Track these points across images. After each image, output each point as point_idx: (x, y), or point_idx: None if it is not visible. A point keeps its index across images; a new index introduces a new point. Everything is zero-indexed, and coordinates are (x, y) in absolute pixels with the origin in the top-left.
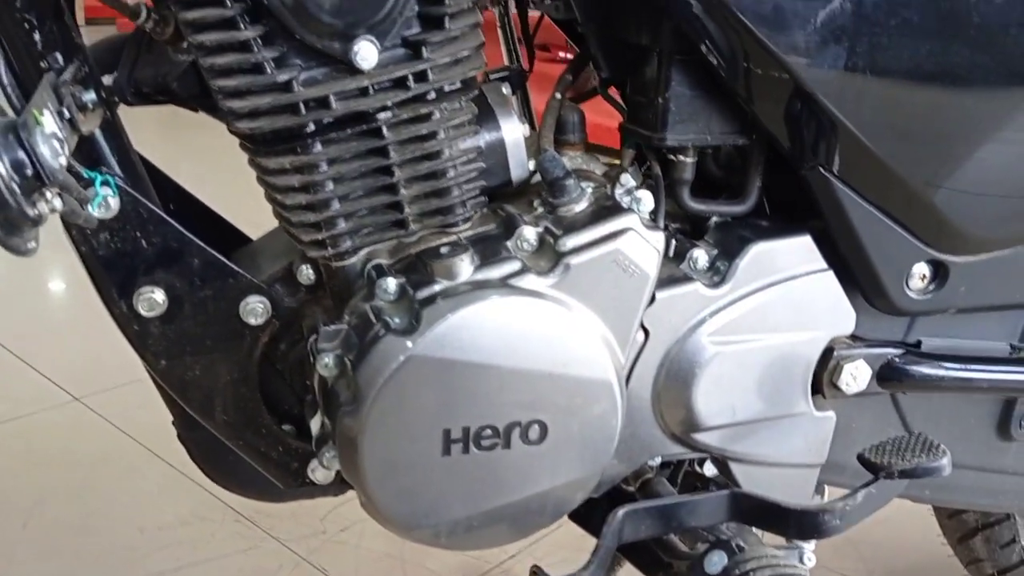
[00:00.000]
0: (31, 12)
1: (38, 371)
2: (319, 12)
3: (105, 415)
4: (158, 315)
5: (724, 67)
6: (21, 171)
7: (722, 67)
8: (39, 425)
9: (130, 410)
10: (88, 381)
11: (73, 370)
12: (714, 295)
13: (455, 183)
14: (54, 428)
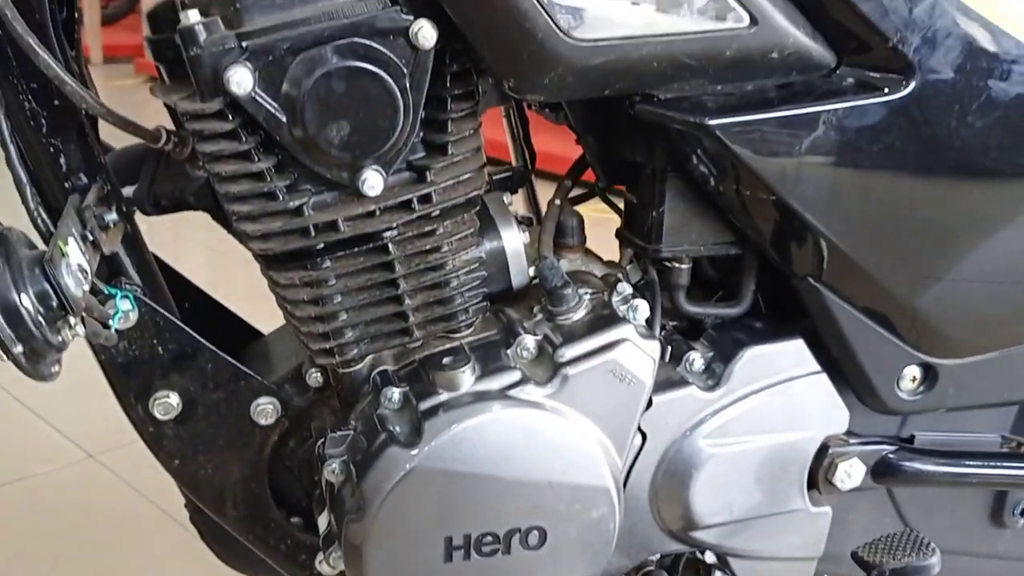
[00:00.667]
0: (57, 137)
1: (54, 427)
2: (328, 147)
3: (119, 473)
4: (172, 418)
5: (714, 187)
6: (46, 303)
7: (712, 186)
8: (55, 484)
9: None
10: (102, 438)
11: (87, 426)
12: (710, 398)
13: (458, 292)
14: (69, 487)
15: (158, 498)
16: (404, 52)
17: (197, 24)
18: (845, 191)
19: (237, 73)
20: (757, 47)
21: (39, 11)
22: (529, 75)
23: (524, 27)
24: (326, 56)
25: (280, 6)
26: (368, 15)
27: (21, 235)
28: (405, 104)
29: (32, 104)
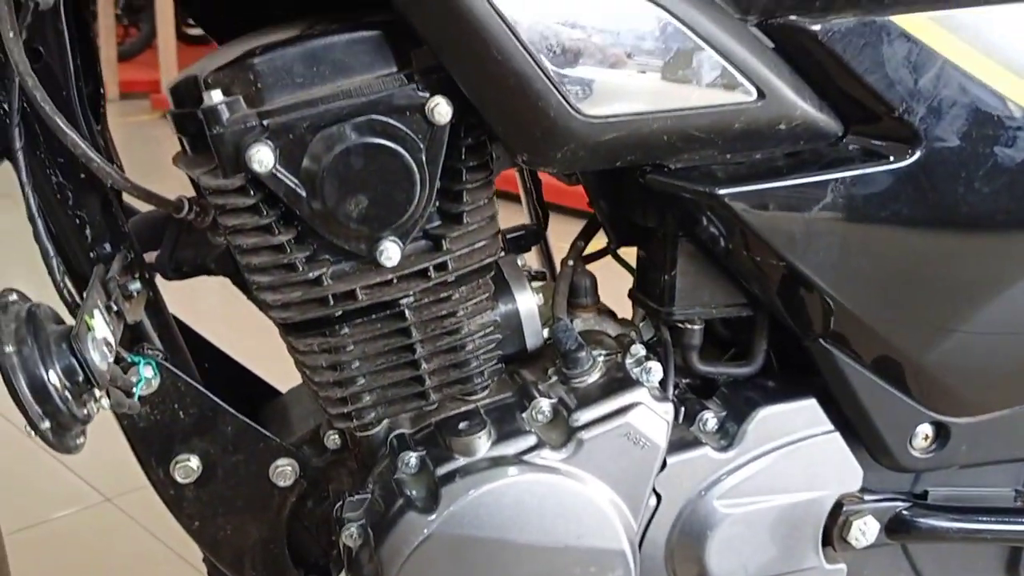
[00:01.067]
0: (82, 209)
1: (72, 471)
2: (347, 220)
3: (136, 516)
4: (192, 481)
5: (724, 252)
6: (72, 378)
7: (722, 251)
8: (73, 527)
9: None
10: (120, 481)
11: (105, 469)
12: (723, 459)
13: (474, 355)
14: (87, 531)
15: (174, 542)
16: (420, 127)
17: (220, 104)
18: (854, 255)
19: (259, 151)
20: (765, 119)
21: (66, 87)
22: (542, 150)
23: (537, 105)
24: (345, 133)
25: (300, 84)
26: (386, 93)
27: (48, 310)
28: (422, 177)
29: (59, 178)
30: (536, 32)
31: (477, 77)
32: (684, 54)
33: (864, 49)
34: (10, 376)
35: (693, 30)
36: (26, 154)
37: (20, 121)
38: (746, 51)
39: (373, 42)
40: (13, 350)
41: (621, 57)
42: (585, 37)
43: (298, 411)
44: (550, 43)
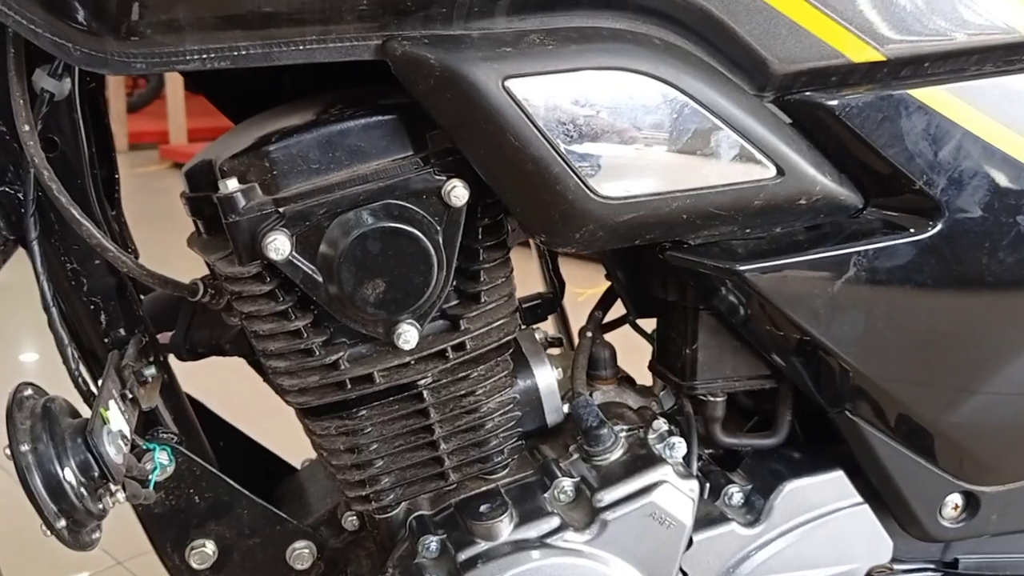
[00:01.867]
0: (97, 295)
1: None
2: (365, 305)
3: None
4: (208, 567)
5: (746, 326)
6: (88, 473)
7: (744, 325)
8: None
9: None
10: (130, 544)
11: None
12: (750, 534)
13: (493, 434)
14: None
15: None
16: (437, 210)
17: (236, 192)
18: (877, 327)
19: (275, 240)
20: (785, 196)
21: (81, 176)
22: (561, 231)
23: (555, 188)
24: (362, 218)
25: (316, 170)
26: (402, 177)
27: (63, 404)
28: (439, 259)
29: (73, 264)
30: (552, 116)
31: (494, 162)
32: (702, 134)
33: (882, 123)
34: (25, 475)
35: (710, 110)
36: (41, 243)
37: (35, 210)
38: (764, 128)
39: (388, 126)
40: (28, 448)
41: (638, 138)
42: (601, 120)
43: (314, 489)
44: (566, 127)
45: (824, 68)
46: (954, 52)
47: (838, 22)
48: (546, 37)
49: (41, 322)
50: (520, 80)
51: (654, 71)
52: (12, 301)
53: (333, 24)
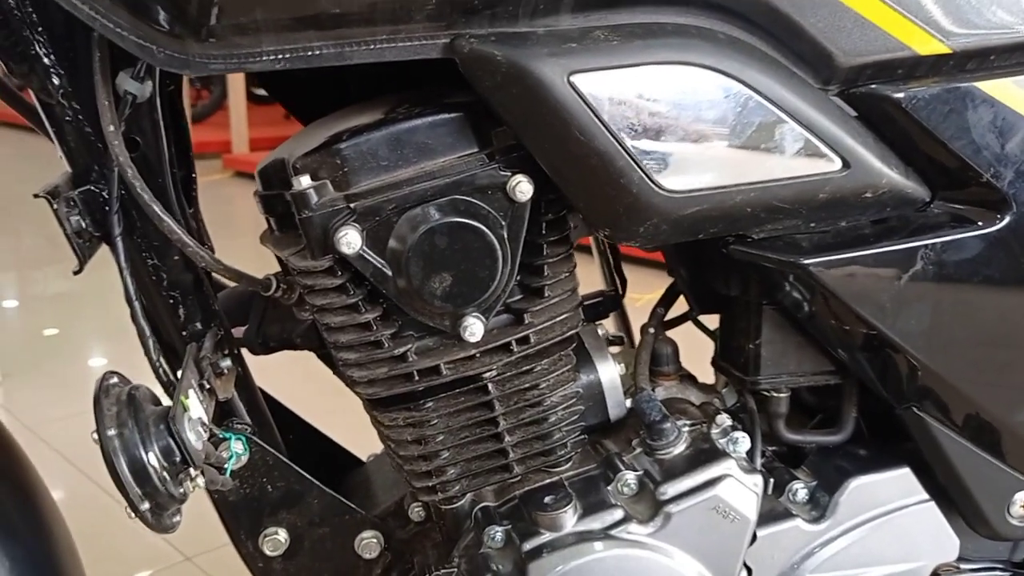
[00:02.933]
0: (176, 290)
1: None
2: (432, 298)
3: (213, 575)
4: (280, 554)
5: (811, 320)
6: (170, 458)
7: (809, 320)
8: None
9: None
10: (199, 540)
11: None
12: (815, 530)
13: (557, 427)
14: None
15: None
16: (502, 205)
17: (308, 188)
18: (945, 321)
19: (347, 234)
20: (851, 188)
21: (161, 174)
22: (625, 225)
23: (619, 182)
24: (429, 213)
25: (385, 167)
26: (468, 173)
27: (147, 392)
28: (504, 254)
29: (154, 260)
30: (617, 111)
31: (558, 157)
32: (766, 127)
33: (949, 115)
34: (112, 458)
35: (775, 103)
36: (123, 239)
37: (119, 208)
38: (829, 121)
39: (454, 124)
40: (115, 433)
41: (702, 132)
42: (666, 113)
43: (381, 481)
44: (631, 122)
45: (890, 61)
46: (1020, 45)
47: (903, 15)
48: (611, 33)
49: (108, 329)
50: (585, 75)
51: (718, 65)
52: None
53: (402, 23)
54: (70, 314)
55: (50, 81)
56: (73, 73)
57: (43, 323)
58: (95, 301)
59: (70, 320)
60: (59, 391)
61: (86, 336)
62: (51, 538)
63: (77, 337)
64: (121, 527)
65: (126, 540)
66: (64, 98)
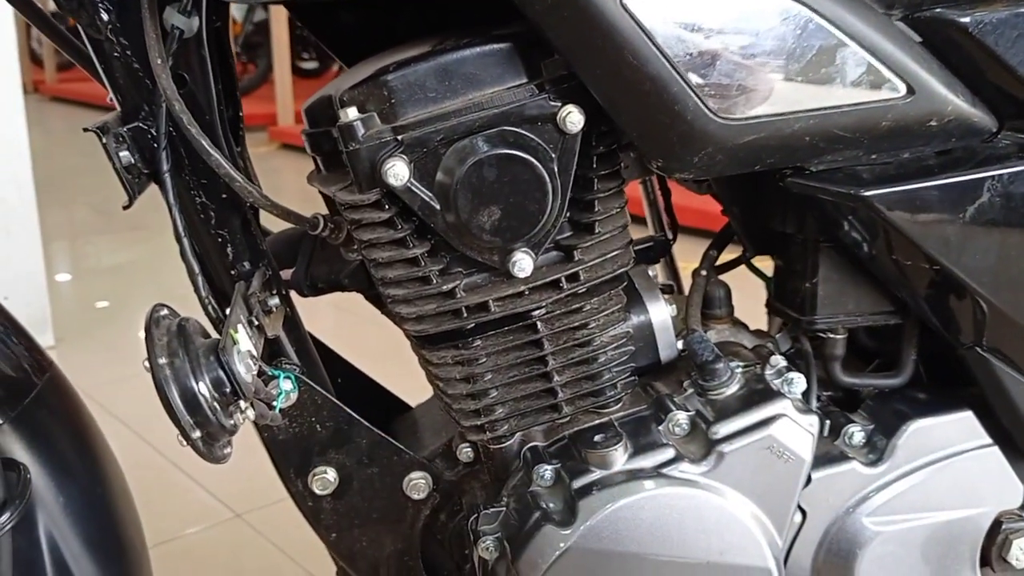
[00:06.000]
0: (224, 228)
1: (205, 488)
2: (480, 232)
3: (264, 532)
4: (329, 493)
5: (871, 257)
6: (220, 389)
7: (869, 257)
8: (203, 543)
9: (287, 528)
10: (249, 498)
11: (235, 486)
12: (872, 474)
13: (606, 368)
14: (218, 546)
15: (303, 558)
16: (552, 137)
17: (355, 120)
18: (1011, 257)
19: (394, 166)
20: (914, 116)
21: (209, 112)
22: (678, 155)
23: (674, 109)
24: (477, 145)
25: (432, 99)
26: (517, 103)
27: (196, 324)
28: (554, 187)
29: (202, 198)
30: (671, 35)
31: (611, 83)
32: (827, 51)
33: (1018, 41)
34: (163, 387)
35: (836, 26)
36: (172, 176)
37: (167, 145)
38: (893, 46)
39: (503, 54)
40: (166, 362)
41: (760, 57)
42: (722, 37)
43: (429, 425)
44: (686, 45)
45: None
46: None
47: None
48: None
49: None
50: None
51: None
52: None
53: None
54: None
55: (98, 16)
56: (121, 8)
57: (95, 295)
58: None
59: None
60: (111, 355)
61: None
62: (106, 480)
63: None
64: (172, 485)
65: (177, 498)
66: (112, 34)
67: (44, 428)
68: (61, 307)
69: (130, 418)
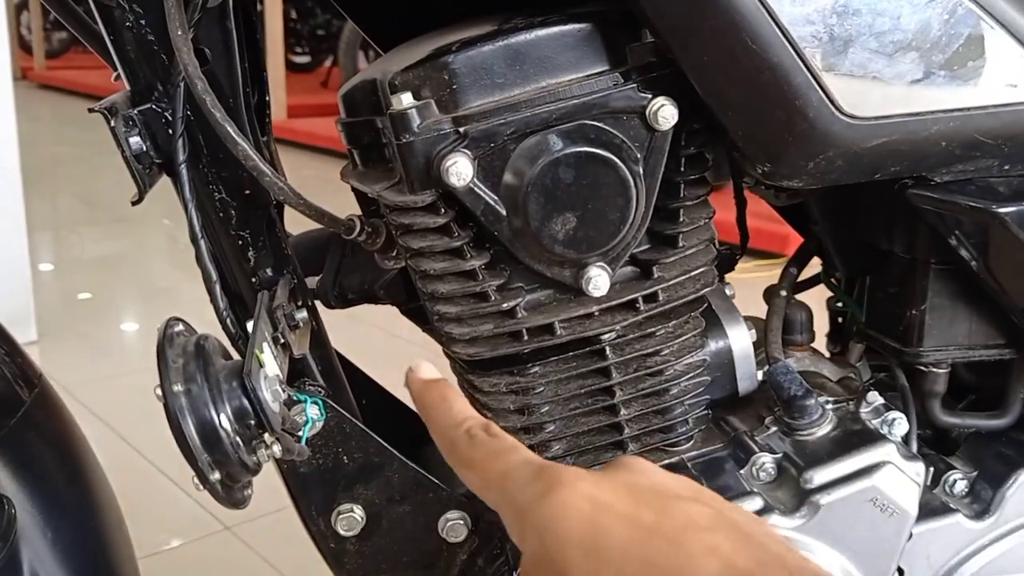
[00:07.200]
0: (246, 229)
1: (191, 496)
2: (552, 243)
3: (253, 546)
4: (356, 534)
5: (995, 283)
6: (244, 420)
7: (993, 283)
8: (189, 557)
9: (277, 543)
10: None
11: None
12: (979, 528)
13: (679, 400)
14: (205, 561)
15: (290, 571)
16: (639, 134)
17: (410, 108)
18: None
19: (456, 163)
20: None
21: (233, 95)
22: (791, 158)
23: (794, 104)
24: (553, 141)
25: (500, 86)
26: (600, 94)
27: (216, 343)
28: (638, 192)
29: (222, 194)
30: (799, 16)
31: (721, 71)
32: (975, 40)
33: None
34: (179, 419)
35: (990, 13)
36: (188, 168)
37: (184, 130)
38: None
39: (583, 36)
40: (182, 389)
41: (899, 45)
42: (858, 21)
43: None
44: (815, 29)
45: None
46: None
47: None
48: None
49: (143, 294)
50: None
51: None
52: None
53: None
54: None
55: None
56: None
57: (77, 287)
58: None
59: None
60: (94, 353)
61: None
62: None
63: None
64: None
65: (162, 507)
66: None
67: (32, 453)
68: (43, 298)
69: (113, 419)
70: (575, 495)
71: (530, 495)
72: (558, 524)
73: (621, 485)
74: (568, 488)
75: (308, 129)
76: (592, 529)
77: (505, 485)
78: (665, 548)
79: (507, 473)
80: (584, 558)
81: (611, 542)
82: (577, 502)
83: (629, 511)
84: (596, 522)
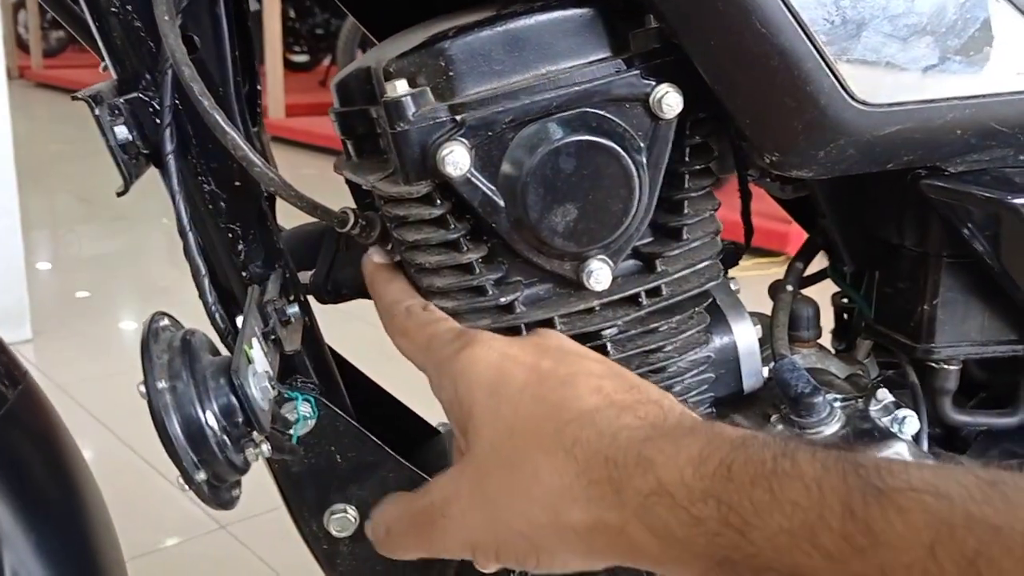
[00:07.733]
0: (236, 222)
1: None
2: (552, 235)
3: (249, 545)
4: (349, 535)
5: (1010, 278)
6: (231, 419)
7: (1008, 277)
8: (184, 556)
9: (272, 541)
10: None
11: None
12: None
13: (682, 398)
14: (200, 560)
15: (290, 573)
16: (642, 123)
17: (405, 96)
18: None
19: (453, 152)
20: None
21: (223, 84)
22: (801, 147)
23: (805, 91)
24: (553, 129)
25: (499, 72)
26: (602, 81)
27: (203, 338)
28: (641, 183)
29: (211, 186)
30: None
31: (728, 56)
32: (992, 26)
33: None
34: (163, 417)
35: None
36: (176, 159)
37: (171, 120)
38: None
39: (585, 22)
40: (166, 387)
41: (914, 29)
42: (870, 4)
43: None
44: (827, 11)
45: None
46: None
47: None
48: None
49: (140, 293)
50: None
51: None
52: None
53: None
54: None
55: None
56: None
57: (75, 285)
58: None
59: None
60: (90, 351)
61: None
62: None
63: (108, 300)
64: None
65: (157, 506)
66: None
67: (15, 455)
68: (39, 297)
69: (109, 417)
70: (487, 349)
71: (450, 351)
72: (469, 370)
73: (530, 344)
74: (482, 344)
75: (306, 128)
76: (497, 374)
77: (431, 345)
78: (556, 387)
79: (433, 335)
80: (488, 397)
81: (511, 382)
82: (487, 354)
83: (531, 360)
84: (501, 368)
